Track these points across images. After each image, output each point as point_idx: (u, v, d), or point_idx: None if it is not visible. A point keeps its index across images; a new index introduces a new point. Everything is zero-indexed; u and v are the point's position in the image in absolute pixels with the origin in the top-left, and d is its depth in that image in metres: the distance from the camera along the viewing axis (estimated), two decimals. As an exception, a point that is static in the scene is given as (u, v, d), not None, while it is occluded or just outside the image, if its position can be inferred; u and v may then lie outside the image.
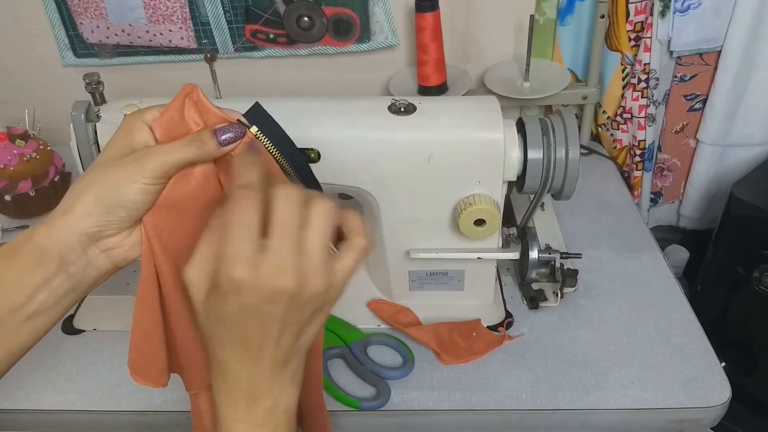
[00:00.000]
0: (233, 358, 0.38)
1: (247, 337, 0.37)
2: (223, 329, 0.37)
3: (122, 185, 0.40)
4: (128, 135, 0.42)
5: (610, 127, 1.00)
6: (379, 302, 0.73)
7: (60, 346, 0.70)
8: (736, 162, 1.01)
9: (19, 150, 0.86)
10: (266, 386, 0.39)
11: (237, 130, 0.42)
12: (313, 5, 0.88)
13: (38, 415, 0.65)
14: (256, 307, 0.36)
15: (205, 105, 0.42)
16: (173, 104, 0.42)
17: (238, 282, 0.35)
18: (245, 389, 0.39)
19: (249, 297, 0.35)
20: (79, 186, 0.41)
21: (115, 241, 0.42)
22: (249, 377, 0.38)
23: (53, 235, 0.40)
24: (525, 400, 0.63)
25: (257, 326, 0.37)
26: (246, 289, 0.35)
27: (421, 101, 0.61)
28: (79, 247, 0.40)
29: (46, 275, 0.40)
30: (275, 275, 0.35)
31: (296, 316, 0.37)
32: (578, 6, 0.91)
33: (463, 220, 0.61)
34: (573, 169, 0.60)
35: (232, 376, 0.39)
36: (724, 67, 0.91)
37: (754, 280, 0.88)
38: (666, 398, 0.62)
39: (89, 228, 0.40)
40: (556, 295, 0.73)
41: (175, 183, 0.42)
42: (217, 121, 0.42)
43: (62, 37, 0.95)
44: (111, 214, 0.40)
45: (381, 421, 0.63)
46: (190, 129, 0.42)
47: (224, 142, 0.41)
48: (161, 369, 0.48)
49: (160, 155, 0.41)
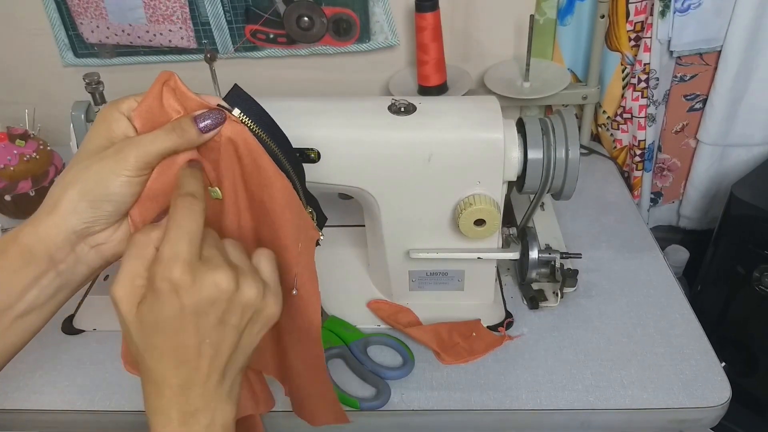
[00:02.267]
0: (169, 369, 0.37)
1: (184, 344, 0.37)
2: (158, 337, 0.37)
3: (106, 179, 0.39)
4: (106, 128, 0.41)
5: (610, 127, 1.00)
6: (379, 302, 0.73)
7: (60, 346, 0.70)
8: (736, 162, 1.01)
9: (19, 150, 0.86)
10: (203, 401, 0.38)
11: (217, 115, 0.41)
12: (313, 5, 0.88)
13: (38, 415, 0.65)
14: (195, 307, 0.36)
15: (183, 92, 0.42)
16: (151, 93, 0.41)
17: (177, 282, 0.35)
18: (181, 405, 0.38)
19: (187, 297, 0.36)
20: (62, 183, 0.40)
21: (104, 237, 0.42)
22: (185, 391, 0.37)
23: (40, 234, 0.39)
24: (525, 400, 0.63)
25: (194, 331, 0.37)
26: (185, 289, 0.35)
27: (421, 101, 0.61)
28: (68, 245, 0.40)
29: (35, 274, 0.40)
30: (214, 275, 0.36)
31: (234, 319, 0.38)
32: (578, 6, 0.91)
33: (463, 220, 0.61)
34: (573, 169, 0.60)
35: (167, 392, 0.37)
36: (724, 67, 0.91)
37: (754, 280, 0.88)
38: (666, 398, 0.62)
39: (76, 225, 0.40)
40: (556, 295, 0.73)
41: (160, 173, 0.42)
42: (197, 108, 0.42)
43: (62, 37, 0.95)
44: (97, 210, 0.40)
45: (381, 421, 0.63)
46: (170, 117, 0.42)
47: (205, 129, 0.41)
48: None
49: (141, 146, 0.40)
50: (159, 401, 0.38)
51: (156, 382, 0.38)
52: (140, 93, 0.42)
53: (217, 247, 0.38)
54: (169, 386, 0.37)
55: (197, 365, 0.37)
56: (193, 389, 0.38)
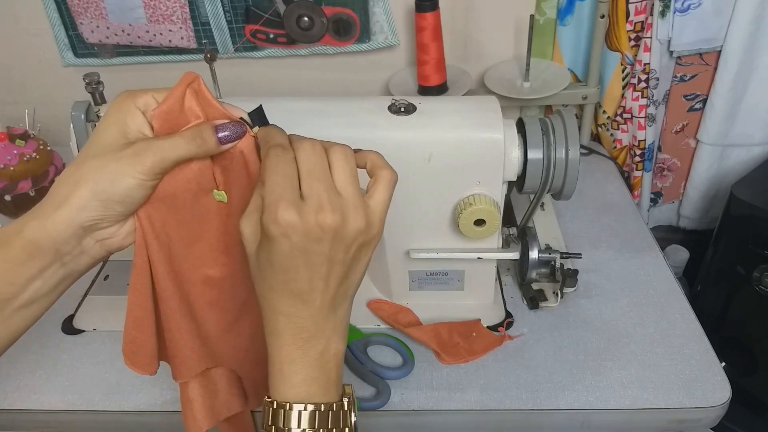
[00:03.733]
0: (284, 302, 0.39)
1: (297, 279, 0.39)
2: (273, 274, 0.39)
3: (120, 181, 0.39)
4: (121, 121, 0.40)
5: (610, 127, 1.00)
6: (379, 302, 0.73)
7: (60, 346, 0.70)
8: (736, 162, 1.01)
9: (19, 150, 0.86)
10: (317, 329, 0.40)
11: (238, 128, 0.41)
12: (313, 5, 0.88)
13: (38, 415, 0.65)
14: (303, 246, 0.37)
15: (206, 97, 0.41)
16: (174, 94, 0.41)
17: (284, 224, 0.37)
18: (297, 331, 0.40)
19: (296, 236, 0.37)
20: (74, 177, 0.39)
21: (110, 232, 0.42)
22: (300, 320, 0.40)
23: (47, 228, 0.39)
24: (525, 400, 0.63)
25: (305, 267, 0.38)
26: (292, 229, 0.37)
27: (421, 101, 0.61)
28: (74, 239, 0.40)
29: (41, 266, 0.40)
30: (317, 213, 0.37)
31: (341, 253, 0.39)
32: (578, 6, 0.91)
33: (463, 220, 0.61)
34: (573, 169, 0.60)
35: (284, 319, 0.40)
36: (724, 67, 0.91)
37: (754, 280, 0.88)
38: (666, 398, 0.62)
39: (85, 222, 0.40)
40: (556, 295, 0.73)
41: (171, 176, 0.42)
42: (217, 116, 0.41)
43: (62, 37, 0.95)
44: (108, 209, 0.40)
45: (381, 421, 0.63)
46: (189, 121, 0.41)
47: (224, 140, 0.41)
48: (151, 357, 0.48)
49: (160, 152, 0.39)
50: (275, 326, 0.40)
51: (272, 308, 0.40)
52: (158, 89, 0.42)
53: (321, 180, 0.38)
54: (285, 315, 0.40)
55: (310, 298, 0.39)
56: (306, 318, 0.40)
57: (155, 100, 0.41)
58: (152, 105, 0.41)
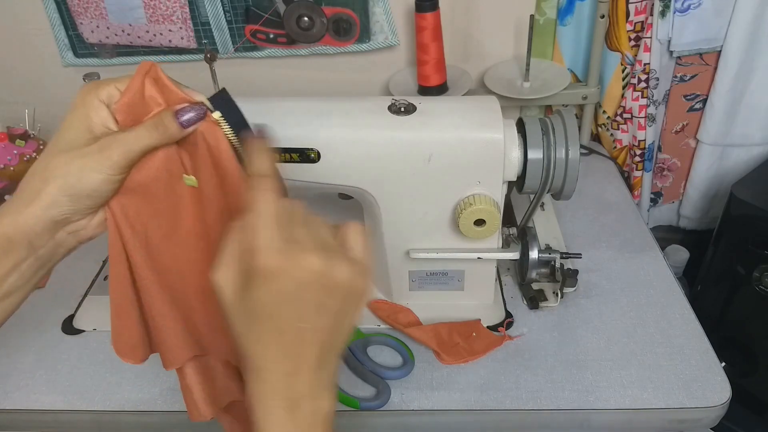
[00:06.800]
0: (270, 356, 0.37)
1: (283, 329, 0.36)
2: (258, 323, 0.37)
3: (87, 177, 0.40)
4: (85, 115, 0.41)
5: (610, 127, 1.00)
6: (378, 302, 0.73)
7: (60, 346, 0.70)
8: (736, 162, 1.01)
9: (19, 150, 0.86)
10: (306, 388, 0.38)
11: (198, 110, 0.41)
12: (313, 5, 0.88)
13: (38, 415, 0.65)
14: (291, 292, 0.35)
15: (165, 84, 0.42)
16: (133, 85, 0.42)
17: (272, 269, 0.35)
18: (285, 391, 0.37)
19: (283, 282, 0.35)
20: (43, 174, 0.40)
21: (82, 224, 0.43)
22: (288, 377, 0.37)
23: (19, 223, 0.40)
24: (525, 400, 0.63)
25: (293, 315, 0.36)
26: (280, 274, 0.35)
27: (421, 101, 0.61)
28: (47, 233, 0.41)
29: (15, 261, 0.40)
30: (305, 257, 0.35)
31: (329, 302, 0.37)
32: (578, 6, 0.91)
33: (463, 220, 0.61)
34: (573, 169, 0.60)
35: (271, 378, 0.37)
36: (724, 67, 0.91)
37: (754, 280, 0.88)
38: (666, 398, 0.62)
39: (56, 216, 0.41)
40: (556, 295, 0.73)
41: (139, 166, 0.42)
42: (178, 101, 0.42)
43: (62, 37, 0.95)
44: (77, 204, 0.41)
45: (381, 421, 0.63)
46: (152, 110, 0.42)
47: (186, 124, 0.41)
48: (134, 344, 0.48)
49: (125, 145, 0.40)
50: (262, 387, 0.38)
51: (258, 368, 0.37)
52: (120, 77, 0.42)
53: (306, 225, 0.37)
54: (271, 373, 0.37)
55: (297, 352, 0.37)
56: (297, 375, 0.37)
57: (118, 91, 0.42)
58: (116, 96, 0.42)
